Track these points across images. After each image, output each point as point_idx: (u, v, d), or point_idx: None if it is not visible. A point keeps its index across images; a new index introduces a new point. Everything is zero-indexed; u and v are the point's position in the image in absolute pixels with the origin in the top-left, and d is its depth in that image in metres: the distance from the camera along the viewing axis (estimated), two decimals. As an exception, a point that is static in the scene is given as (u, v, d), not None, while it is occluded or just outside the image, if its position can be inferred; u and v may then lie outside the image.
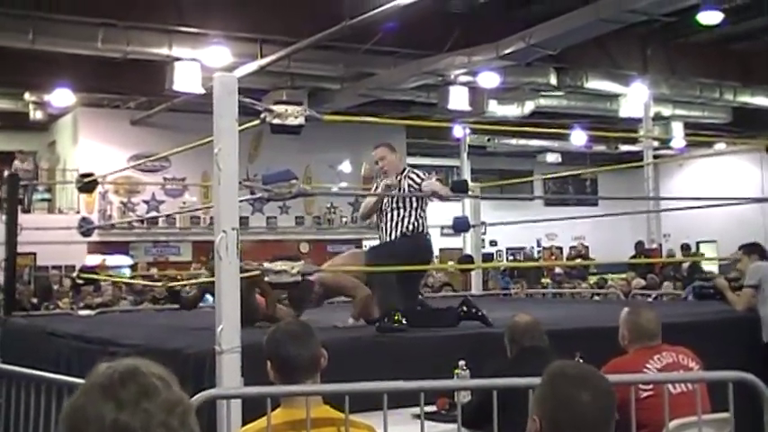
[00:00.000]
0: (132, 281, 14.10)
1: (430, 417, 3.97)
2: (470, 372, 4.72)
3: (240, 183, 4.50)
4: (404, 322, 5.92)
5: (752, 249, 7.85)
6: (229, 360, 4.15)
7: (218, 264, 4.26)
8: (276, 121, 4.84)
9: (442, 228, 11.30)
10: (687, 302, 10.00)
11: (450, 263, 16.04)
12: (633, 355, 4.58)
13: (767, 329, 7.06)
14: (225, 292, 4.23)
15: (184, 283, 10.18)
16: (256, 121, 5.01)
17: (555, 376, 2.27)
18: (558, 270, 19.16)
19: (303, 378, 3.21)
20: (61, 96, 18.04)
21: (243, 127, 4.53)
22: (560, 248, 26.46)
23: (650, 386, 4.23)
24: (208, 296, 7.21)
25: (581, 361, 3.55)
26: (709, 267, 17.23)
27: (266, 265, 5.13)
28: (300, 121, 4.85)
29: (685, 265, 16.48)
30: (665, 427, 3.75)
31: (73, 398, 1.53)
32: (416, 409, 3.99)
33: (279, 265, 4.91)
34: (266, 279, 4.98)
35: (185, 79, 15.16)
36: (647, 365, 4.44)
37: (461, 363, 4.74)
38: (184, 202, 20.36)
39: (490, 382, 3.79)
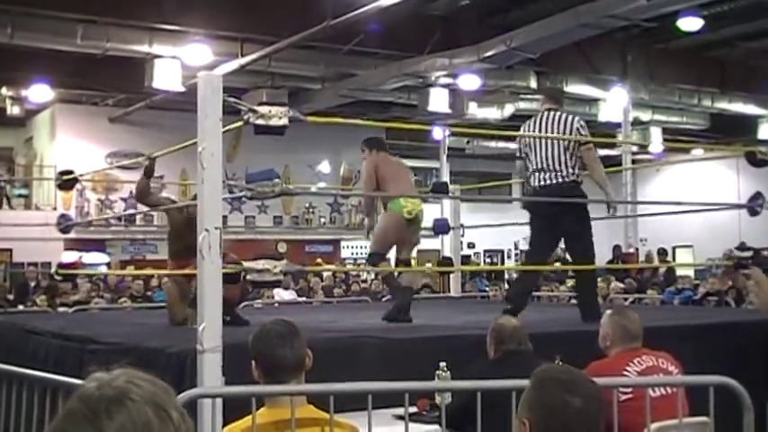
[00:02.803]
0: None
1: (411, 418, 3.96)
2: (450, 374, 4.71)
3: (222, 182, 4.47)
4: None
5: None
6: (211, 359, 4.12)
7: (201, 263, 4.23)
8: (260, 121, 4.78)
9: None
10: (668, 307, 9.98)
11: (428, 265, 16.03)
12: (613, 357, 4.57)
13: None
14: (207, 291, 4.21)
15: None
16: (240, 122, 4.96)
17: (545, 381, 2.27)
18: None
19: (288, 378, 3.22)
20: (39, 92, 17.95)
21: (227, 128, 4.49)
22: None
23: (630, 389, 4.24)
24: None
25: (561, 364, 3.56)
26: (687, 272, 17.30)
27: (248, 263, 5.10)
28: (284, 121, 4.80)
29: (662, 270, 16.54)
30: (647, 429, 3.76)
31: (56, 420, 1.38)
32: (397, 410, 4.00)
33: (261, 264, 4.88)
34: (248, 277, 4.94)
35: (165, 77, 15.13)
36: (627, 368, 4.43)
37: (442, 364, 4.74)
38: (162, 200, 20.20)
39: (475, 384, 3.80)
